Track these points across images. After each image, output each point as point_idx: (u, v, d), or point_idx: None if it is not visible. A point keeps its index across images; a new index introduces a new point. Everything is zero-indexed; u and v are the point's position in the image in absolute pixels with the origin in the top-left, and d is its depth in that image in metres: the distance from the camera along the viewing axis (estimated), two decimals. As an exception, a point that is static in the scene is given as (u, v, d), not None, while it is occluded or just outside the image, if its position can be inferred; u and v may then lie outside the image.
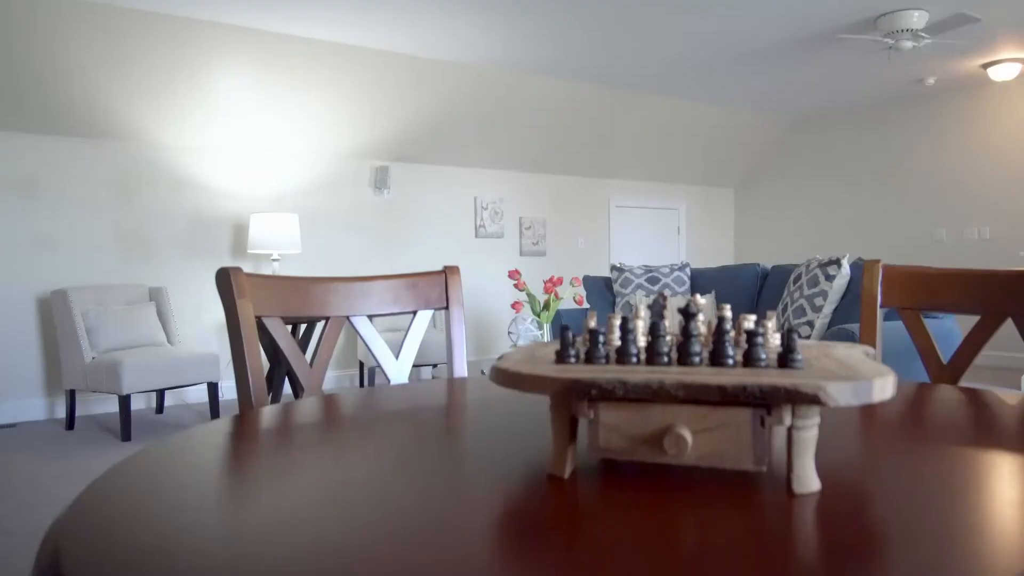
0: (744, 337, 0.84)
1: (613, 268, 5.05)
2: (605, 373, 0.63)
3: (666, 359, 0.68)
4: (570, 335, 0.70)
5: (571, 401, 0.65)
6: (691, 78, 6.38)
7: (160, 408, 5.13)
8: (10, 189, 4.88)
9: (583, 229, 7.71)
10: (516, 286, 3.62)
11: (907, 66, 6.15)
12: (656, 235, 8.36)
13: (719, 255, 9.01)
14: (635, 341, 0.69)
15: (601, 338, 0.69)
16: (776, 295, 4.46)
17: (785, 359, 0.65)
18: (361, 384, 5.92)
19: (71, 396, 4.62)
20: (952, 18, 4.72)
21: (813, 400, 0.58)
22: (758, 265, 4.76)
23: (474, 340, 6.89)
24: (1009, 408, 0.94)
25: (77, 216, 5.10)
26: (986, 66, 6.06)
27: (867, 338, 1.35)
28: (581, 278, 5.31)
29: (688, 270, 4.99)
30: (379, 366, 1.41)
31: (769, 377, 0.59)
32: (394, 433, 0.86)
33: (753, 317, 0.85)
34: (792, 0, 4.54)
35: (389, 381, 1.42)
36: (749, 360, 0.66)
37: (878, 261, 1.36)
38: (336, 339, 1.37)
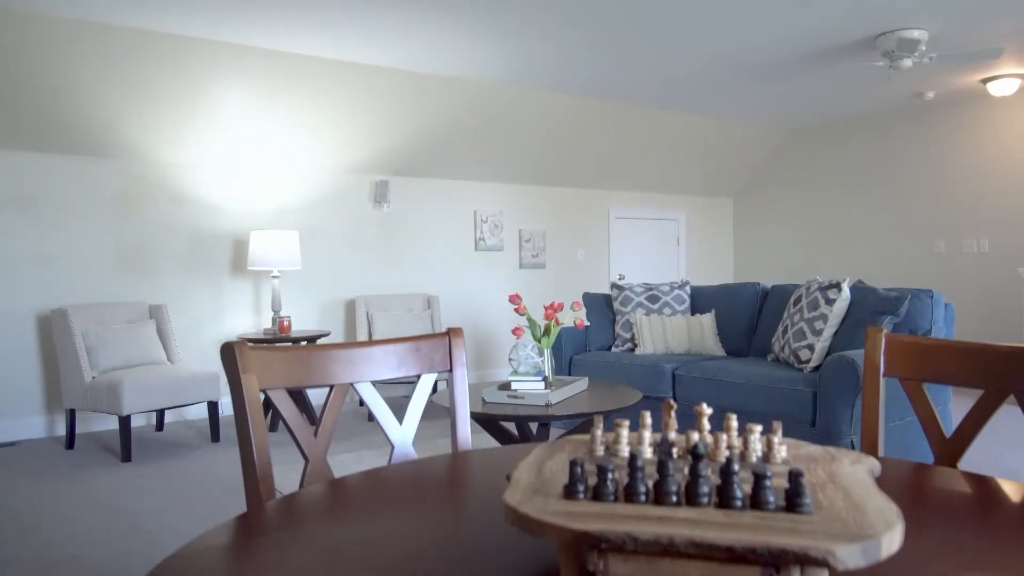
0: (752, 448, 0.85)
1: (613, 286, 5.05)
2: (614, 524, 0.63)
3: (675, 498, 0.68)
4: (579, 470, 0.71)
5: (581, 550, 0.65)
6: (690, 92, 6.38)
7: (160, 425, 5.13)
8: (10, 207, 4.88)
9: (583, 241, 7.71)
10: (517, 311, 3.62)
11: (906, 80, 6.16)
12: (656, 246, 8.37)
13: (719, 265, 9.02)
14: (643, 479, 0.69)
15: (610, 475, 0.70)
16: (776, 315, 4.47)
17: (793, 503, 0.66)
18: (361, 400, 5.91)
19: (71, 415, 4.62)
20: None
21: (822, 563, 0.58)
22: (758, 284, 4.76)
23: (474, 354, 6.90)
24: (1018, 507, 0.94)
25: (77, 233, 5.10)
26: (985, 81, 6.07)
27: (870, 407, 1.35)
28: (581, 296, 5.30)
29: (688, 288, 4.99)
30: (384, 432, 1.42)
31: (778, 537, 0.60)
32: (399, 545, 0.86)
33: (759, 428, 0.85)
34: (792, 18, 4.55)
35: (393, 448, 1.42)
36: (757, 501, 0.67)
37: (881, 330, 1.37)
38: (340, 407, 1.37)
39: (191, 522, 3.25)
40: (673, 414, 0.87)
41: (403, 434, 1.44)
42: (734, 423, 0.86)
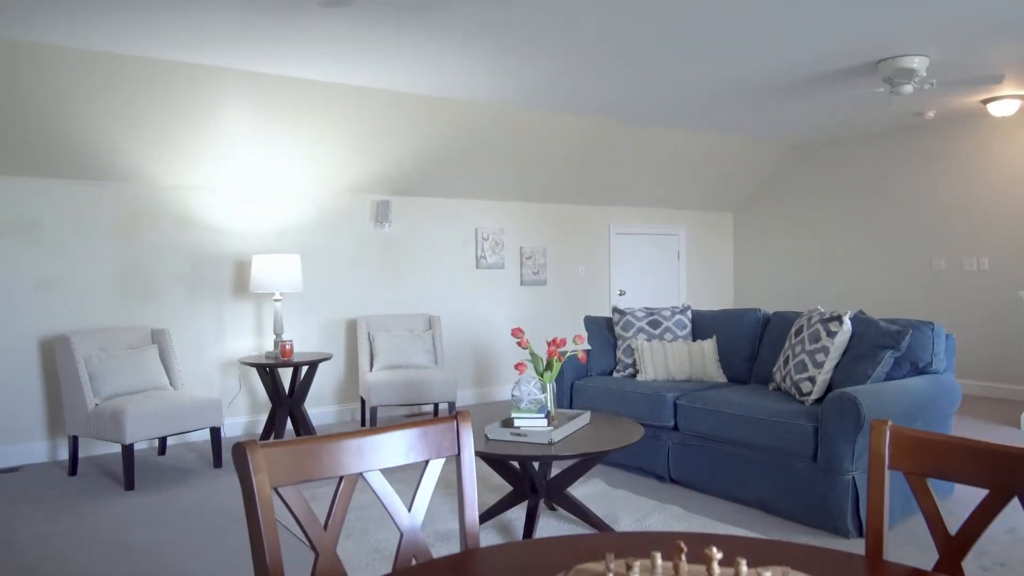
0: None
1: (615, 310, 5.06)
2: None
3: None
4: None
5: None
6: (691, 112, 6.39)
7: (162, 449, 5.13)
8: (14, 232, 4.89)
9: (584, 257, 7.72)
10: (519, 344, 3.63)
11: (907, 100, 6.16)
12: (657, 260, 8.38)
13: (719, 278, 9.03)
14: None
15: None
16: (777, 342, 4.48)
17: None
18: (363, 420, 5.93)
19: (74, 441, 4.63)
20: (952, 69, 4.75)
21: None
22: (759, 311, 4.77)
23: (475, 373, 6.91)
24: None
25: (80, 257, 5.10)
26: (986, 102, 6.08)
27: (874, 501, 1.36)
28: (583, 319, 5.32)
29: (689, 312, 5.00)
30: (392, 518, 1.43)
31: None
32: None
33: (768, 574, 0.86)
34: (793, 44, 4.55)
35: (402, 535, 1.43)
36: None
37: (886, 421, 1.38)
38: (349, 498, 1.39)
39: (196, 558, 3.26)
40: (684, 557, 0.88)
41: (412, 520, 1.45)
42: (744, 568, 0.87)
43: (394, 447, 1.45)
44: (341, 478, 1.38)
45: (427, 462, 1.48)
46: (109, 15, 3.84)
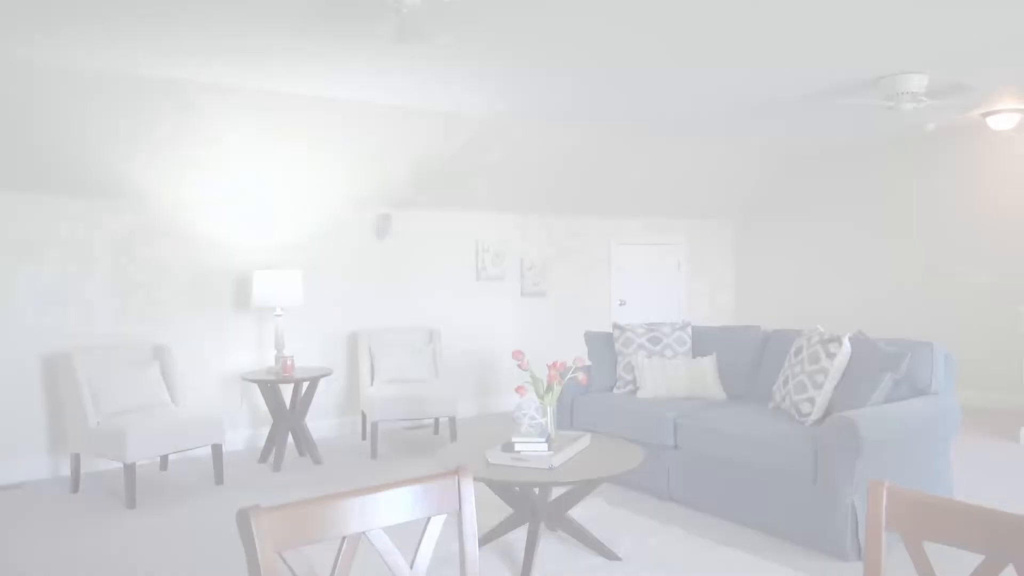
0: None
1: (615, 327, 5.08)
2: None
3: None
4: None
5: None
6: (693, 122, 6.40)
7: (164, 464, 5.14)
8: (16, 248, 4.91)
9: (584, 267, 7.73)
10: (520, 366, 3.65)
11: (907, 113, 6.16)
12: (657, 270, 8.38)
13: (720, 288, 9.04)
14: None
15: None
16: (777, 360, 4.48)
17: None
18: (363, 434, 5.94)
19: (76, 459, 4.64)
20: (951, 87, 4.77)
21: None
22: (759, 328, 4.79)
23: (476, 385, 6.92)
24: None
25: (82, 274, 5.12)
26: (985, 115, 6.09)
27: (872, 560, 1.37)
28: (583, 335, 5.34)
29: (689, 329, 5.01)
30: (394, 577, 1.44)
31: None
32: None
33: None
34: (796, 60, 4.57)
35: (403, 594, 1.44)
36: None
37: (883, 483, 1.39)
38: (352, 558, 1.40)
39: (197, 584, 3.28)
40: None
41: (414, 577, 1.46)
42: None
43: (396, 505, 1.46)
44: (344, 538, 1.40)
45: (429, 519, 1.50)
46: (111, 36, 3.85)
